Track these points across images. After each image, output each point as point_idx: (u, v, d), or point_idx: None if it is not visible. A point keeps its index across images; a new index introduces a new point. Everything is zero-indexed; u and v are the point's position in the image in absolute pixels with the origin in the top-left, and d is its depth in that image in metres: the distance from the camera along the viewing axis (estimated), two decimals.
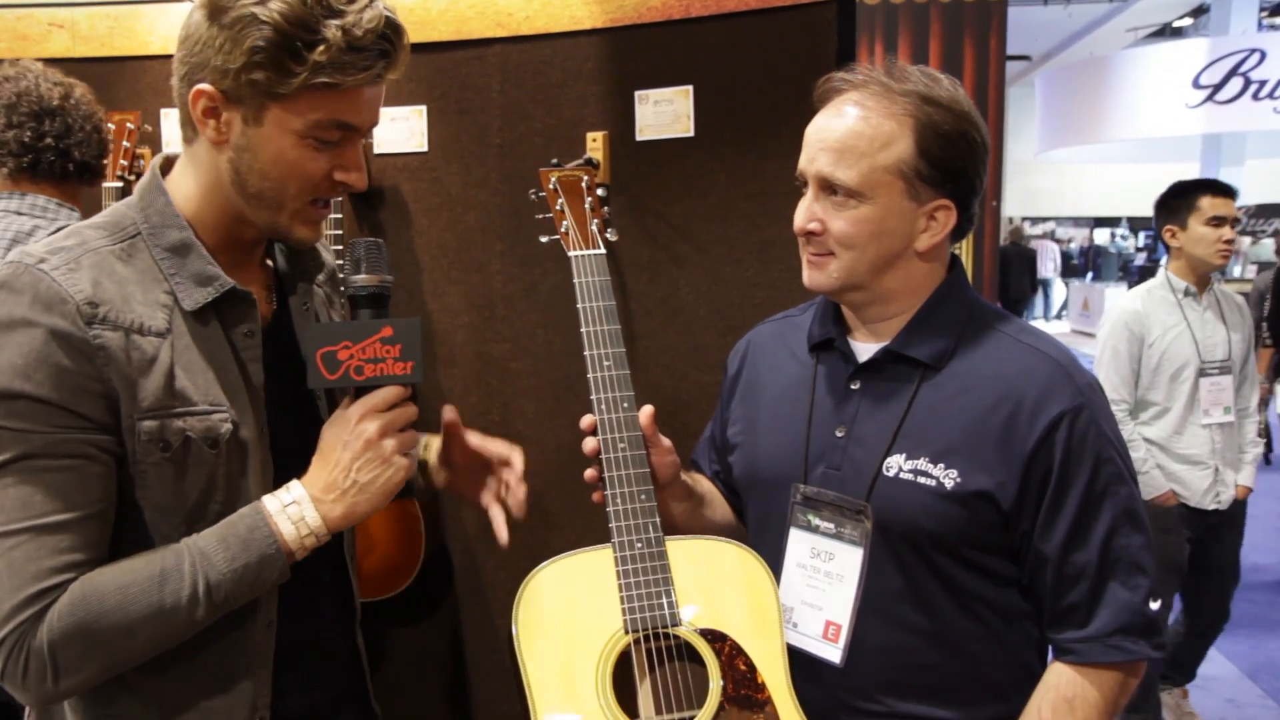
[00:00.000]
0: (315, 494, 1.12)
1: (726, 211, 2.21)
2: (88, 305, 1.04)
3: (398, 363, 1.13)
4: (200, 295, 1.12)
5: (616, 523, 1.31)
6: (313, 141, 1.09)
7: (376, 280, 1.17)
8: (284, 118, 1.07)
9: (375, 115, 1.13)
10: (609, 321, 1.43)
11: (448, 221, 2.39)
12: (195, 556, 1.07)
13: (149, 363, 1.07)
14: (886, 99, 1.26)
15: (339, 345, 1.12)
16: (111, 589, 1.04)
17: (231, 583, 1.07)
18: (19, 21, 2.51)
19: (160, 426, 1.07)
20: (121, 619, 1.03)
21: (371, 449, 1.12)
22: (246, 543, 1.08)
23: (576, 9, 2.26)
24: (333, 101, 1.07)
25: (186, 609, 1.05)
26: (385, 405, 1.13)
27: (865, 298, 1.33)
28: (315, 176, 1.11)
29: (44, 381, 1.01)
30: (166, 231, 1.13)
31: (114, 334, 1.05)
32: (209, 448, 1.10)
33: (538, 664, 1.25)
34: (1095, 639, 1.23)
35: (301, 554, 1.12)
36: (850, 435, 1.32)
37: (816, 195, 1.28)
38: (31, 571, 1.01)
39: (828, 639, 1.30)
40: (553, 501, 2.38)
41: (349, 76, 1.05)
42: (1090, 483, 1.23)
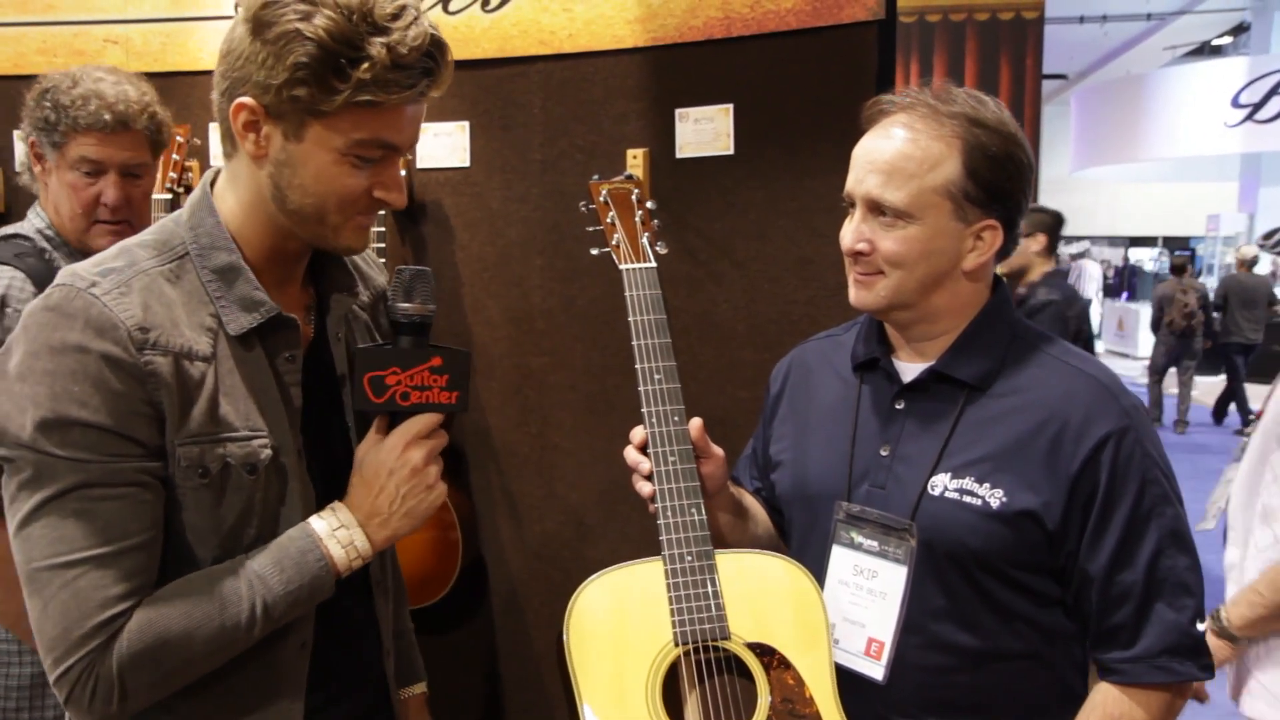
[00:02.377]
0: (362, 519, 1.14)
1: (765, 229, 2.22)
2: (139, 331, 1.04)
3: (444, 392, 1.15)
4: (246, 320, 1.11)
5: (667, 535, 1.32)
6: (353, 159, 1.07)
7: (420, 309, 1.17)
8: (325, 135, 1.06)
9: (416, 133, 1.13)
10: (660, 335, 1.44)
11: (488, 236, 2.42)
12: (253, 579, 1.08)
13: (196, 388, 1.07)
14: (934, 121, 1.27)
15: (388, 371, 1.14)
16: (177, 614, 1.05)
17: (286, 604, 1.10)
18: (76, 38, 2.57)
19: (200, 453, 1.07)
20: (186, 642, 1.05)
21: (418, 476, 1.14)
22: (300, 566, 1.10)
23: (619, 28, 2.28)
24: (375, 119, 1.06)
25: (245, 629, 1.08)
26: (427, 432, 1.15)
27: (911, 317, 1.33)
28: (355, 193, 1.10)
29: (100, 408, 1.01)
30: (215, 254, 1.12)
31: (164, 359, 1.05)
32: (248, 474, 1.10)
33: (588, 674, 1.26)
34: (1142, 659, 1.23)
35: (347, 574, 1.15)
36: (895, 454, 1.33)
37: (865, 216, 1.29)
38: (98, 600, 1.02)
39: (870, 656, 1.30)
40: (590, 514, 2.40)
41: (392, 95, 1.04)
42: (1136, 504, 1.23)
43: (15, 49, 2.60)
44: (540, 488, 2.44)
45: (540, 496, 2.44)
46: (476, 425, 2.46)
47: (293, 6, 1.02)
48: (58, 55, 2.57)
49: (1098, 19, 13.12)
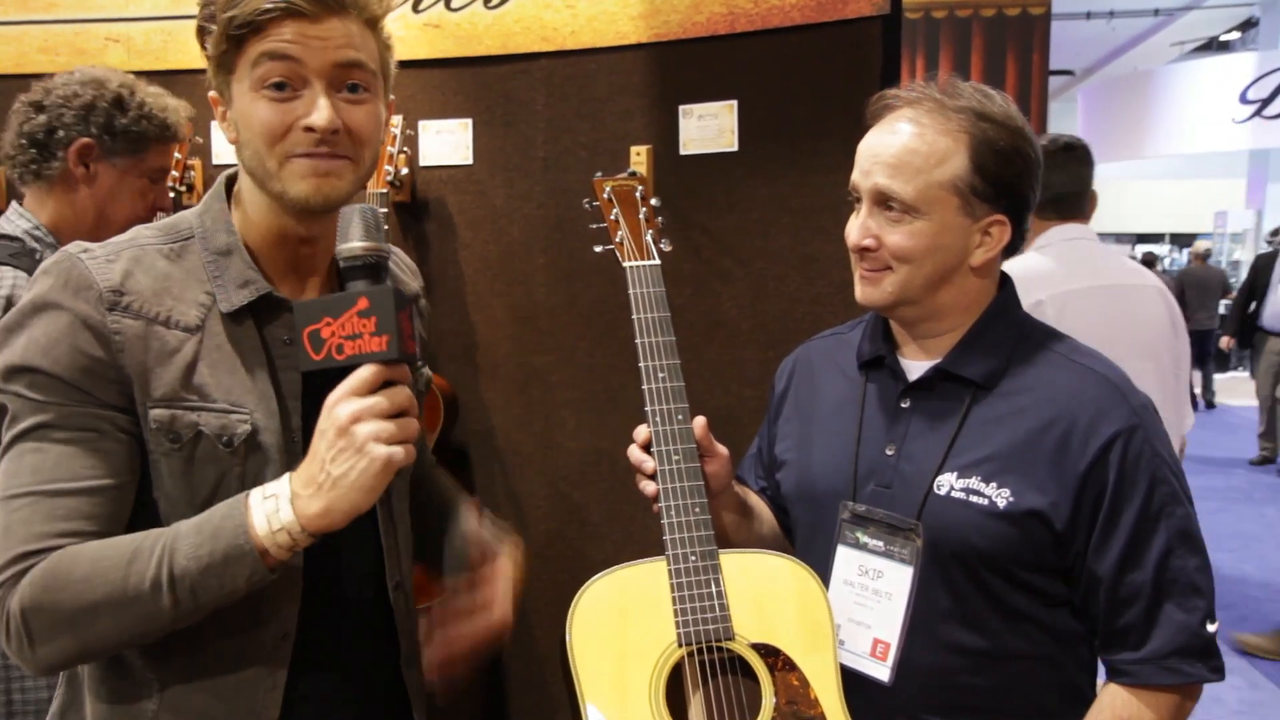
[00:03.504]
0: (296, 488, 1.03)
1: (769, 226, 2.21)
2: (111, 293, 1.07)
3: (374, 338, 1.00)
4: (237, 298, 1.13)
5: (671, 535, 1.31)
6: (266, 92, 1.08)
7: (365, 248, 1.04)
8: (239, 84, 1.10)
9: (325, 52, 1.08)
10: (664, 333, 1.43)
11: (491, 234, 2.41)
12: (169, 539, 1.03)
13: (168, 354, 1.09)
14: (941, 115, 1.26)
15: (320, 322, 1.02)
16: (84, 560, 1.02)
17: (197, 573, 1.01)
18: (78, 36, 2.57)
19: (171, 417, 1.08)
20: (86, 592, 1.00)
21: (344, 437, 1.00)
22: (218, 531, 1.02)
23: (622, 24, 2.27)
24: (260, 44, 1.07)
25: (150, 594, 1.01)
26: (363, 388, 1.01)
27: (918, 313, 1.32)
28: (275, 125, 1.08)
29: (60, 359, 1.05)
30: (216, 235, 1.16)
31: (134, 323, 1.07)
32: (223, 446, 1.09)
33: (591, 675, 1.25)
34: (1151, 660, 1.22)
35: (277, 552, 1.02)
36: (901, 453, 1.31)
37: (871, 210, 1.28)
38: (22, 534, 1.02)
39: (876, 657, 1.29)
40: (592, 513, 2.39)
41: (252, 8, 1.05)
42: (1145, 503, 1.21)
43: (17, 48, 2.59)
44: (544, 487, 2.43)
45: (544, 496, 2.43)
46: (480, 425, 2.46)
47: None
48: (59, 54, 2.57)
49: (1105, 15, 13.05)
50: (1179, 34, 14.30)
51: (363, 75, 1.12)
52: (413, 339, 1.07)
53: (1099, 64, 16.26)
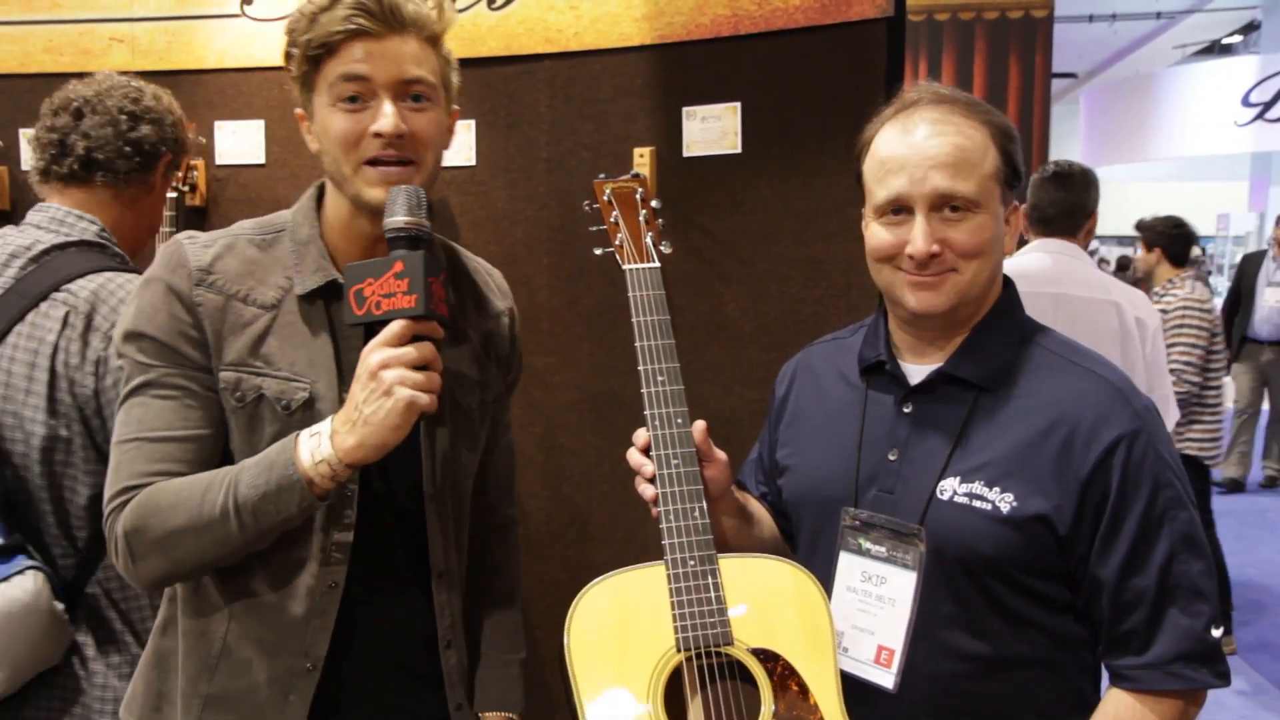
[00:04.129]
0: (335, 425, 1.19)
1: (773, 228, 2.20)
2: (199, 271, 1.27)
3: (405, 296, 1.16)
4: (310, 282, 1.29)
5: (669, 539, 1.30)
6: (342, 105, 1.24)
7: (408, 222, 1.19)
8: (318, 100, 1.27)
9: (390, 68, 1.24)
10: (664, 336, 1.43)
11: (494, 235, 2.41)
12: (235, 472, 1.21)
13: (242, 326, 1.27)
14: (967, 109, 1.28)
15: (364, 282, 1.18)
16: (170, 492, 1.21)
17: (256, 500, 1.18)
18: (81, 36, 2.57)
19: (237, 379, 1.26)
20: (170, 519, 1.20)
21: (374, 380, 1.15)
22: (272, 464, 1.19)
23: (625, 26, 2.27)
24: (334, 63, 1.24)
25: (220, 520, 1.19)
26: (395, 340, 1.16)
27: (965, 313, 1.31)
28: (350, 134, 1.24)
29: (161, 324, 1.26)
30: (301, 228, 1.33)
31: (215, 297, 1.27)
32: (282, 409, 1.26)
33: (589, 679, 1.24)
34: (1155, 666, 1.21)
35: (321, 481, 1.18)
36: (903, 458, 1.31)
37: (929, 216, 1.26)
38: (128, 471, 1.24)
39: (880, 664, 1.29)
40: (594, 515, 2.38)
41: (325, 32, 1.22)
42: (1148, 507, 1.21)
43: (21, 47, 2.59)
44: (545, 489, 2.43)
45: (545, 498, 2.43)
46: None
47: None
48: (63, 54, 2.57)
49: (1107, 17, 13.04)
50: (1181, 37, 14.29)
51: (424, 88, 1.27)
52: (444, 303, 1.21)
53: (1101, 66, 16.25)
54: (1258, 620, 4.90)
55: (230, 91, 2.54)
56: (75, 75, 2.49)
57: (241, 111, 2.54)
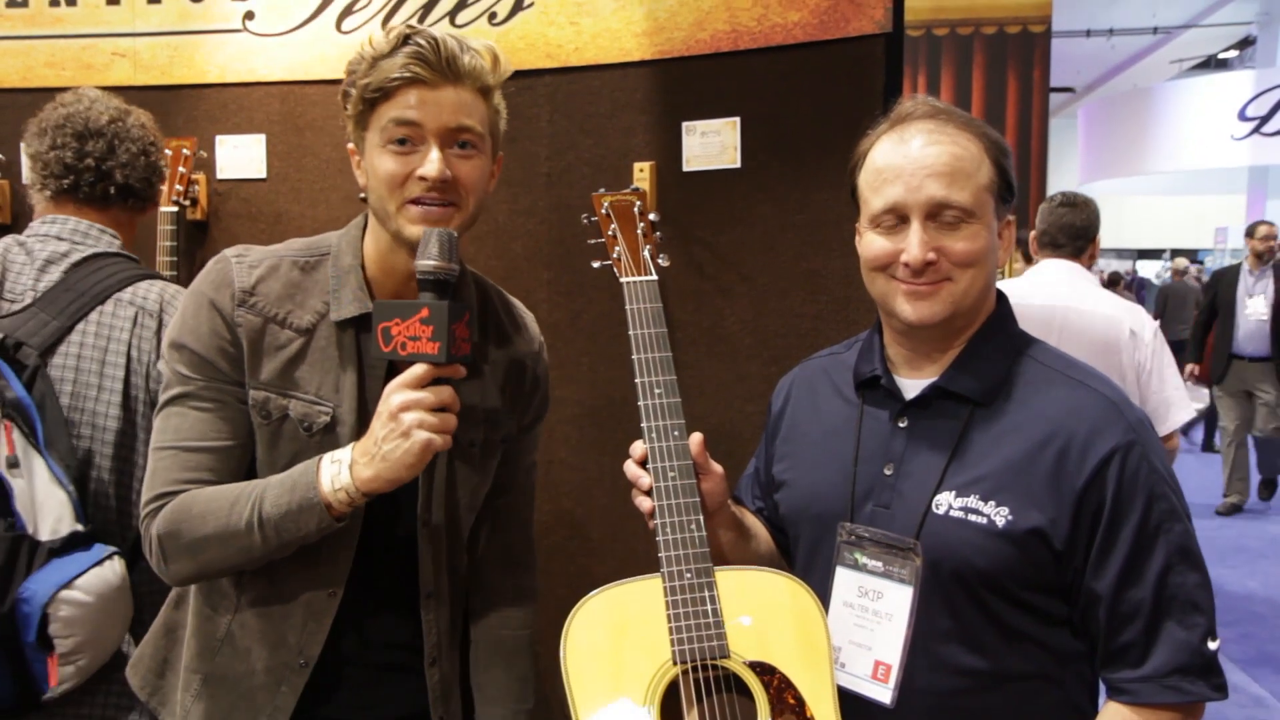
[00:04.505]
0: (355, 456, 1.25)
1: (772, 242, 2.21)
2: (243, 293, 1.33)
3: (429, 342, 1.21)
4: (346, 310, 1.35)
5: (666, 552, 1.31)
6: (392, 147, 1.29)
7: (439, 266, 1.23)
8: (370, 140, 1.32)
9: (441, 115, 1.28)
10: (660, 349, 1.43)
11: (495, 249, 2.42)
12: (261, 489, 1.28)
13: (276, 348, 1.33)
14: (960, 123, 1.30)
15: (392, 322, 1.23)
16: (201, 501, 1.29)
17: (278, 518, 1.26)
18: (84, 51, 2.58)
19: (265, 399, 1.33)
20: (200, 526, 1.28)
21: (393, 421, 1.22)
22: (294, 485, 1.26)
23: (626, 41, 2.28)
24: (389, 107, 1.29)
25: (244, 532, 1.26)
26: (415, 382, 1.23)
27: (959, 324, 1.32)
28: (397, 175, 1.29)
29: (202, 337, 1.32)
30: (344, 256, 1.39)
31: (254, 318, 1.33)
32: (303, 429, 1.33)
33: (585, 692, 1.24)
34: (1151, 679, 1.21)
35: (339, 506, 1.25)
36: (899, 473, 1.31)
37: (925, 224, 1.27)
38: (164, 479, 1.31)
39: (877, 679, 1.29)
40: (595, 529, 2.39)
41: (383, 78, 1.27)
42: (1143, 520, 1.21)
43: (24, 62, 2.61)
44: (545, 502, 2.43)
45: (545, 511, 2.43)
46: None
47: None
48: (65, 68, 2.59)
49: (1104, 33, 13.12)
50: (1178, 52, 14.37)
51: (472, 136, 1.31)
52: (467, 342, 1.27)
53: (1099, 81, 16.34)
54: (1258, 634, 4.89)
55: (231, 106, 2.56)
56: (74, 90, 2.53)
57: (243, 126, 2.55)
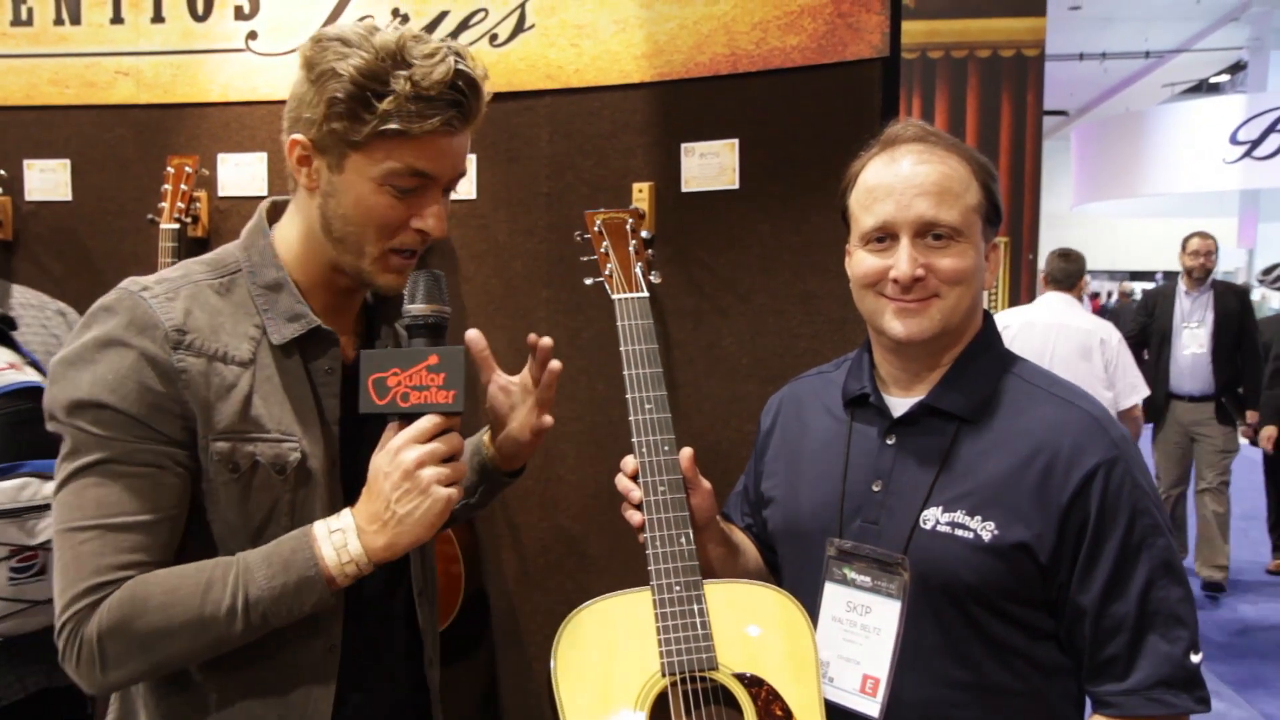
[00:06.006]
0: (360, 523, 1.13)
1: (770, 263, 2.24)
2: (175, 332, 1.13)
3: (440, 391, 1.12)
4: (288, 331, 1.19)
5: (655, 565, 1.33)
6: (390, 189, 1.15)
7: (431, 309, 1.17)
8: (362, 164, 1.15)
9: (454, 166, 1.18)
10: (651, 365, 1.45)
11: (494, 268, 2.44)
12: (241, 570, 1.11)
13: (227, 389, 1.15)
14: (948, 146, 1.33)
15: (389, 372, 1.14)
16: (159, 590, 1.09)
17: (270, 601, 1.10)
18: (88, 69, 2.61)
19: (231, 449, 1.15)
20: (163, 620, 1.08)
21: (409, 480, 1.11)
22: (288, 563, 1.11)
23: (625, 63, 2.31)
24: (406, 150, 1.13)
25: (225, 620, 1.09)
26: (426, 435, 1.13)
27: (946, 342, 1.34)
28: (392, 222, 1.17)
29: (128, 396, 1.10)
30: (264, 270, 1.22)
31: (197, 360, 1.14)
32: (276, 473, 1.17)
33: (575, 704, 1.25)
34: (1135, 692, 1.23)
35: (344, 581, 1.13)
36: (887, 489, 1.33)
37: (914, 241, 1.29)
38: (94, 565, 1.09)
39: (865, 693, 1.30)
40: (592, 545, 2.40)
41: (415, 124, 1.11)
42: (1126, 535, 1.23)
43: (28, 79, 2.63)
44: (543, 519, 2.44)
45: (543, 528, 2.44)
46: None
47: (334, 48, 1.13)
48: (69, 86, 2.61)
49: (1097, 56, 13.25)
50: (1170, 76, 14.50)
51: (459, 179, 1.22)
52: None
53: (1092, 104, 16.47)
54: (1248, 655, 4.90)
55: (234, 124, 2.58)
56: (80, 108, 2.56)
57: (244, 144, 2.57)
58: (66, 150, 2.61)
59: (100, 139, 2.61)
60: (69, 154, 2.60)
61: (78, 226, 2.61)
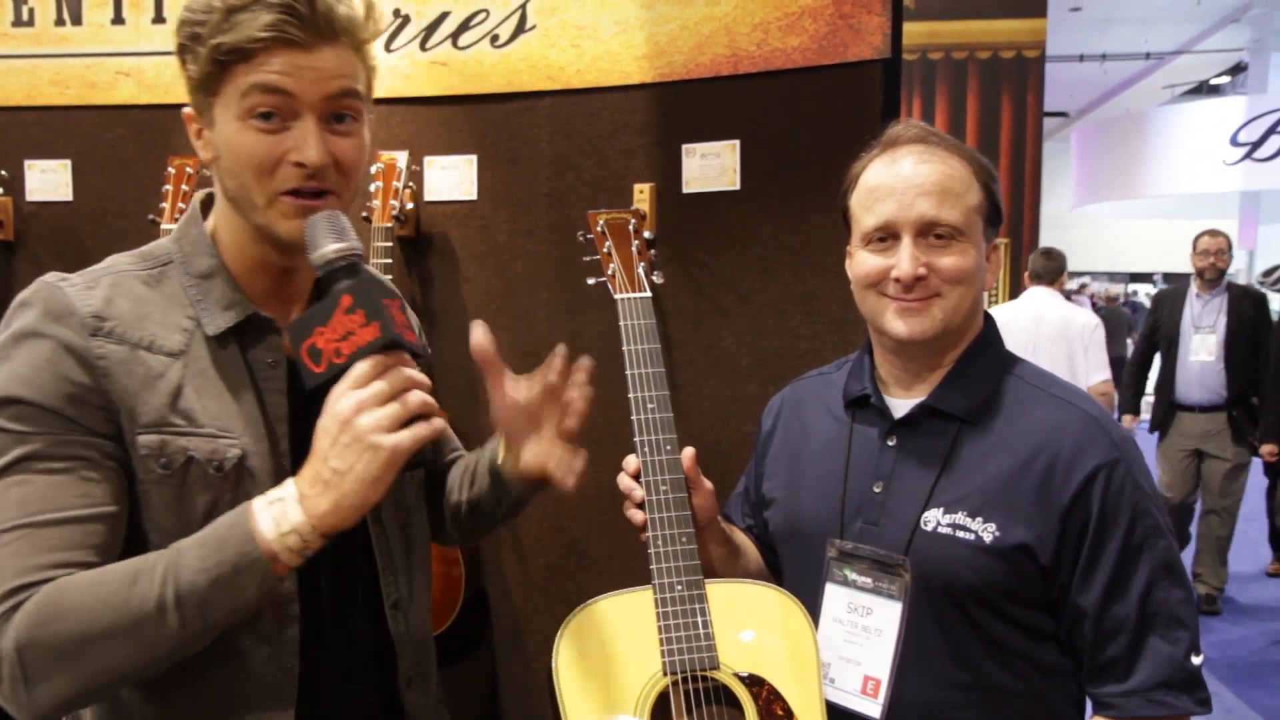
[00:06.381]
0: (303, 489, 0.99)
1: (770, 264, 2.24)
2: (93, 318, 1.06)
3: (364, 329, 0.99)
4: (222, 320, 1.11)
5: (657, 564, 1.33)
6: (255, 123, 1.06)
7: (338, 251, 1.03)
8: (224, 108, 1.07)
9: (318, 82, 1.06)
10: (654, 364, 1.45)
11: (495, 269, 2.44)
12: (170, 556, 0.99)
13: (154, 379, 1.07)
14: (949, 147, 1.33)
15: (315, 334, 1.00)
16: (81, 588, 0.97)
17: (205, 588, 0.97)
18: (89, 70, 2.61)
19: (161, 442, 1.06)
20: (86, 621, 0.96)
21: (346, 430, 0.97)
22: (223, 540, 0.99)
23: (626, 64, 2.31)
24: (250, 72, 1.04)
25: (155, 616, 0.96)
26: (364, 380, 0.98)
27: (948, 342, 1.34)
28: (264, 159, 1.06)
29: (44, 389, 1.02)
30: (196, 259, 1.14)
31: (118, 348, 1.06)
32: (214, 471, 1.07)
33: (576, 703, 1.26)
34: (1136, 693, 1.23)
35: (287, 556, 0.99)
36: (887, 490, 1.33)
37: (915, 240, 1.30)
38: (14, 568, 0.97)
39: (866, 694, 1.30)
40: (592, 546, 2.40)
41: (243, 36, 1.02)
42: (1127, 536, 1.23)
43: (29, 80, 2.63)
44: (543, 521, 2.44)
45: (543, 529, 2.44)
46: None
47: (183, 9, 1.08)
48: (70, 87, 2.61)
49: (1097, 58, 13.25)
50: (1170, 77, 14.51)
51: (353, 104, 1.10)
52: (410, 330, 1.06)
53: (1092, 105, 16.48)
54: (1248, 657, 4.89)
55: None
56: (81, 108, 2.56)
57: None
58: (67, 151, 2.61)
59: (101, 139, 2.61)
60: (70, 154, 2.60)
61: (78, 227, 2.61)
